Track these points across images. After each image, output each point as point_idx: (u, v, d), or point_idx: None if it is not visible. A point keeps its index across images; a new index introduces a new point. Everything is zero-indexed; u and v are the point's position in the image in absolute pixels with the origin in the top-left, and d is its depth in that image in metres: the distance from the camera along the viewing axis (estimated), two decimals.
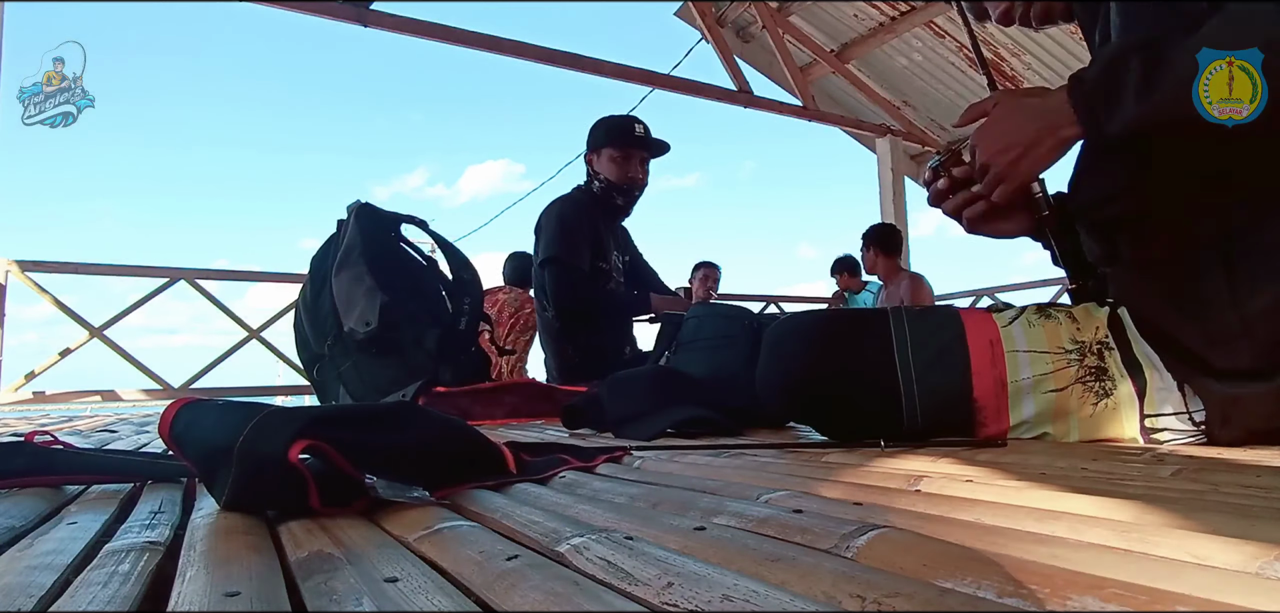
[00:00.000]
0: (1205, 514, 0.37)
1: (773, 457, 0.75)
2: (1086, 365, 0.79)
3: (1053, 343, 0.80)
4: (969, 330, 0.84)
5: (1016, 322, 0.83)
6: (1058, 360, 0.80)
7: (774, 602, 0.27)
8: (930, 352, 0.84)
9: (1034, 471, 0.57)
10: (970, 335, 0.83)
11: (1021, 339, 0.82)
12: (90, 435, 1.34)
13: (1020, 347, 0.81)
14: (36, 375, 3.01)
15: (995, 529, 0.37)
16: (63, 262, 3.14)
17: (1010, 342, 0.82)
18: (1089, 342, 0.79)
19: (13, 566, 0.36)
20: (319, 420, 0.49)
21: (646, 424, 1.05)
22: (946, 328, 0.85)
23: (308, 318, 1.66)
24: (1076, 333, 0.80)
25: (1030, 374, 0.80)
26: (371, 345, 1.51)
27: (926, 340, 0.85)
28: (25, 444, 0.71)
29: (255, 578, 0.33)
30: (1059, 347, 0.80)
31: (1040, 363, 0.80)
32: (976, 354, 0.82)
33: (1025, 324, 0.83)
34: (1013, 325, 0.83)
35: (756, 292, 4.83)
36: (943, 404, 0.83)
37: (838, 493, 0.50)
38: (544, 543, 0.38)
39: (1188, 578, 0.28)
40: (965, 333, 0.84)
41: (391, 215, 1.71)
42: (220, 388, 3.30)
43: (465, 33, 3.38)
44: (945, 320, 0.86)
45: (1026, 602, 0.27)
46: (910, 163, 5.25)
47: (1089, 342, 0.79)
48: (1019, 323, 0.83)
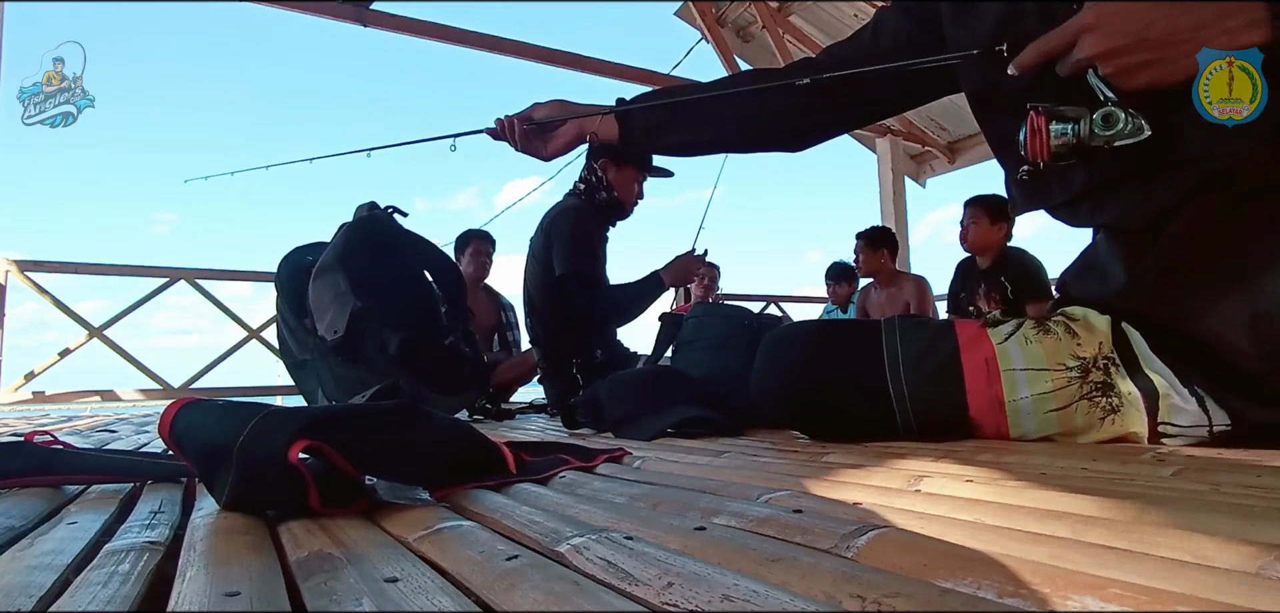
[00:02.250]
0: (1206, 514, 0.37)
1: (773, 457, 0.75)
2: (1091, 381, 0.75)
3: (1052, 360, 0.76)
4: (963, 349, 0.80)
5: (1012, 338, 0.79)
6: (1058, 378, 0.76)
7: (774, 602, 0.26)
8: (924, 368, 0.81)
9: (1034, 471, 0.57)
10: (965, 354, 0.80)
11: (1018, 357, 0.78)
12: (90, 435, 1.34)
13: (1017, 365, 0.77)
14: (36, 375, 3.01)
15: (995, 529, 0.37)
16: (63, 262, 3.14)
17: (1006, 360, 0.78)
18: (1091, 357, 0.75)
19: (13, 566, 0.36)
20: (319, 421, 0.49)
21: (646, 424, 1.05)
22: (940, 345, 0.82)
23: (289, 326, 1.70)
24: (1077, 348, 0.76)
25: (1028, 393, 0.76)
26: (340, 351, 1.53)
27: (919, 357, 0.82)
28: (25, 444, 0.71)
29: (255, 578, 0.33)
30: (1059, 363, 0.76)
31: (1039, 381, 0.76)
32: (971, 374, 0.79)
33: (1022, 341, 0.79)
34: (1009, 342, 0.79)
35: (756, 291, 4.83)
36: (937, 422, 0.81)
37: (838, 493, 0.50)
38: (544, 543, 0.38)
39: (1188, 578, 0.28)
40: (959, 351, 0.80)
41: (388, 217, 1.72)
42: (220, 388, 3.30)
43: (465, 33, 3.38)
44: (939, 337, 0.83)
45: (1027, 602, 0.27)
46: (910, 163, 5.25)
47: (1091, 357, 0.75)
48: (1015, 340, 0.79)
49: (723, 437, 0.99)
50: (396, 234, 1.74)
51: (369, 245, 1.65)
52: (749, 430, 1.07)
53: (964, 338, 0.81)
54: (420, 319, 1.69)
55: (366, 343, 1.54)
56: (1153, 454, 0.65)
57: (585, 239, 1.95)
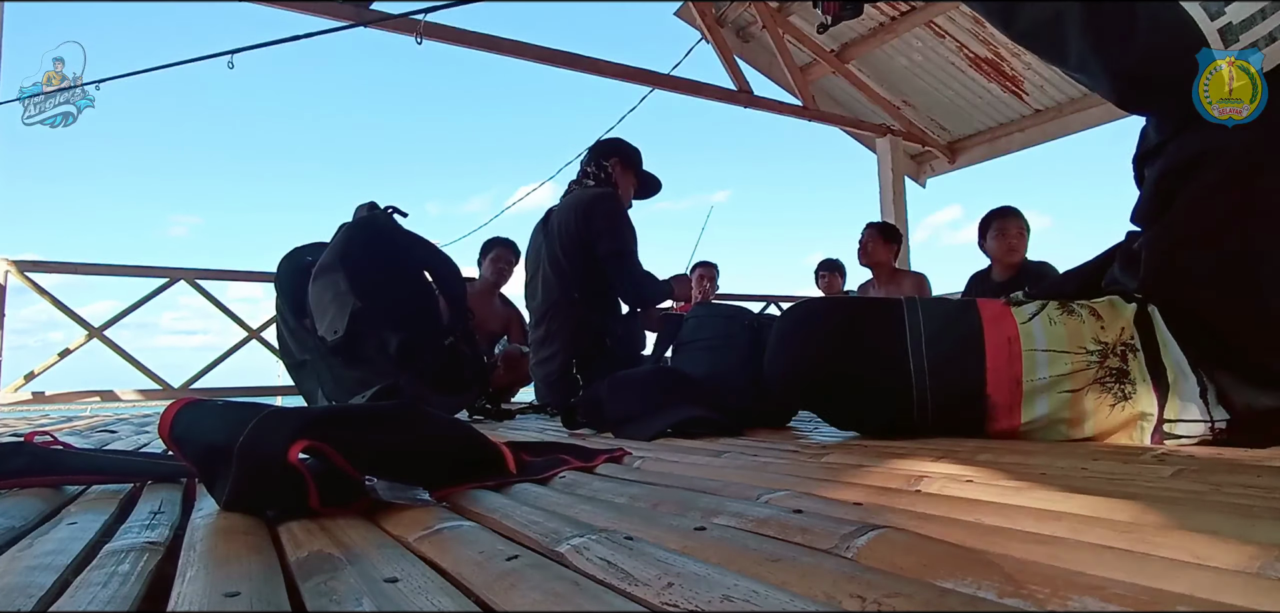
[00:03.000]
0: (1206, 514, 0.37)
1: (773, 457, 0.75)
2: (1107, 367, 0.75)
3: (1074, 342, 0.77)
4: (986, 325, 0.79)
5: (1037, 318, 0.79)
6: (1078, 361, 0.76)
7: (774, 602, 0.26)
8: (945, 346, 0.80)
9: (1034, 471, 0.57)
10: (988, 331, 0.79)
11: (1041, 337, 0.78)
12: (90, 436, 1.34)
13: (1039, 346, 0.77)
14: (36, 376, 3.01)
15: (995, 529, 0.37)
16: (63, 262, 3.14)
17: (1029, 340, 0.78)
18: (1112, 342, 0.76)
19: (13, 566, 0.36)
20: (319, 421, 0.49)
21: (646, 425, 1.05)
22: (963, 321, 0.81)
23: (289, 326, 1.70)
24: (1100, 332, 0.76)
25: (1047, 375, 0.76)
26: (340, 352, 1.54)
27: (942, 333, 0.81)
28: (25, 444, 0.71)
29: (255, 578, 0.33)
30: (1080, 346, 0.76)
31: (1059, 363, 0.76)
32: (993, 352, 0.78)
33: (1046, 321, 0.79)
34: (1033, 322, 0.79)
35: (756, 291, 4.82)
36: (954, 400, 0.80)
37: (838, 493, 0.50)
38: (544, 543, 0.38)
39: (1188, 578, 0.28)
40: (983, 327, 0.79)
41: (388, 217, 1.72)
42: (220, 388, 3.30)
43: (465, 33, 3.38)
44: (962, 314, 0.82)
45: (1027, 602, 0.27)
46: (910, 163, 5.25)
47: (1112, 342, 0.76)
48: (1039, 319, 0.79)
49: (723, 437, 0.99)
50: (396, 234, 1.74)
51: (369, 246, 1.65)
52: (749, 430, 1.07)
53: (988, 315, 0.81)
54: (420, 319, 1.70)
55: (366, 343, 1.54)
56: (1153, 454, 0.65)
57: (626, 221, 2.05)
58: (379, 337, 1.56)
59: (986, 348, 0.79)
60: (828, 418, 0.91)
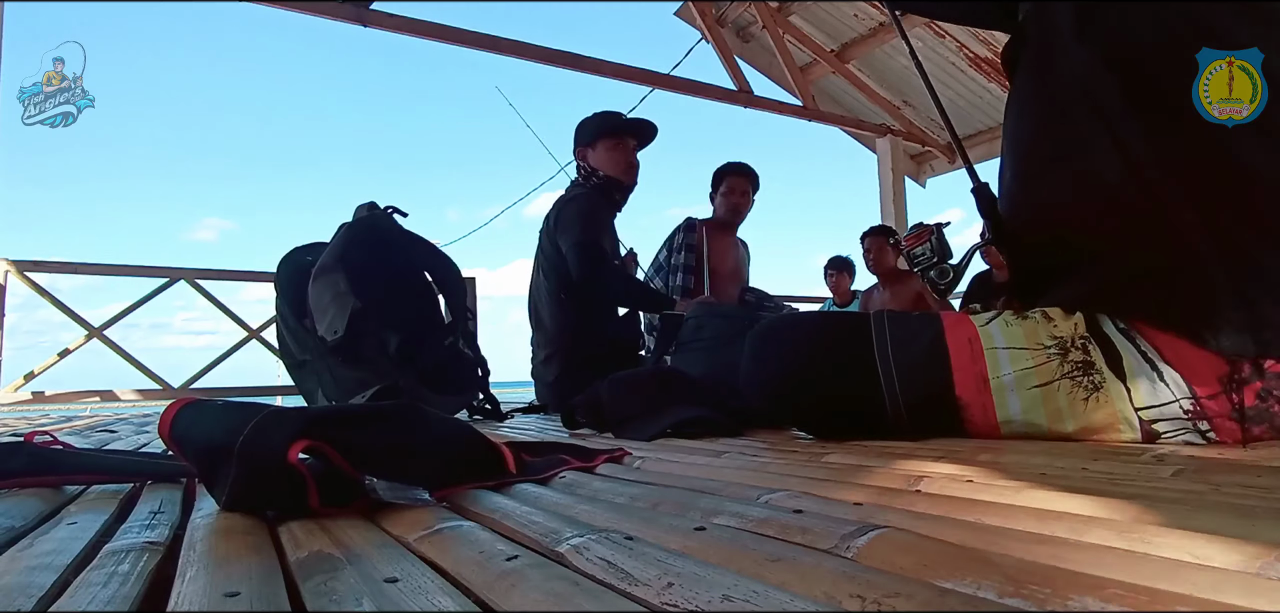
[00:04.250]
0: (1205, 514, 0.37)
1: (772, 457, 0.75)
2: (1072, 360, 0.78)
3: (1031, 340, 0.81)
4: (948, 330, 0.85)
5: (994, 322, 0.85)
6: (1038, 356, 0.80)
7: (774, 602, 0.26)
8: (911, 352, 0.86)
9: (1034, 471, 0.57)
10: (949, 334, 0.85)
11: (999, 337, 0.83)
12: (90, 435, 1.34)
13: (999, 344, 0.82)
14: (36, 376, 3.01)
15: (995, 530, 0.37)
16: (63, 262, 3.14)
17: (988, 340, 0.83)
18: (1069, 336, 0.79)
19: (13, 566, 0.36)
20: (319, 420, 0.49)
21: (646, 425, 1.05)
22: (926, 329, 0.87)
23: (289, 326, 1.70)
24: (1053, 329, 0.80)
25: (1011, 371, 0.80)
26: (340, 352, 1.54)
27: (907, 341, 0.86)
28: (25, 444, 0.71)
29: (255, 578, 0.33)
30: (1038, 343, 0.80)
31: (1020, 359, 0.80)
32: (956, 352, 0.83)
33: (1002, 324, 0.84)
34: (991, 325, 0.84)
35: None
36: (926, 402, 0.84)
37: (838, 493, 0.50)
38: (544, 543, 0.38)
39: (1188, 578, 0.28)
40: (944, 331, 0.85)
41: (388, 217, 1.72)
42: (220, 388, 3.30)
43: (465, 33, 3.38)
44: (924, 322, 0.88)
45: (1027, 602, 0.27)
46: (910, 163, 5.25)
47: (1069, 336, 0.79)
48: (996, 322, 0.84)
49: (723, 437, 0.99)
50: (396, 234, 1.74)
51: (369, 246, 1.66)
52: (749, 430, 1.07)
53: (948, 322, 0.87)
54: (420, 319, 1.70)
55: (366, 343, 1.54)
56: (1152, 454, 0.65)
57: (591, 216, 1.99)
58: (379, 337, 1.57)
59: (949, 349, 0.84)
60: (806, 430, 0.94)
